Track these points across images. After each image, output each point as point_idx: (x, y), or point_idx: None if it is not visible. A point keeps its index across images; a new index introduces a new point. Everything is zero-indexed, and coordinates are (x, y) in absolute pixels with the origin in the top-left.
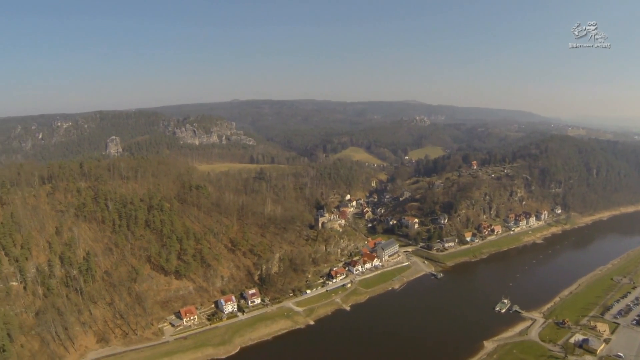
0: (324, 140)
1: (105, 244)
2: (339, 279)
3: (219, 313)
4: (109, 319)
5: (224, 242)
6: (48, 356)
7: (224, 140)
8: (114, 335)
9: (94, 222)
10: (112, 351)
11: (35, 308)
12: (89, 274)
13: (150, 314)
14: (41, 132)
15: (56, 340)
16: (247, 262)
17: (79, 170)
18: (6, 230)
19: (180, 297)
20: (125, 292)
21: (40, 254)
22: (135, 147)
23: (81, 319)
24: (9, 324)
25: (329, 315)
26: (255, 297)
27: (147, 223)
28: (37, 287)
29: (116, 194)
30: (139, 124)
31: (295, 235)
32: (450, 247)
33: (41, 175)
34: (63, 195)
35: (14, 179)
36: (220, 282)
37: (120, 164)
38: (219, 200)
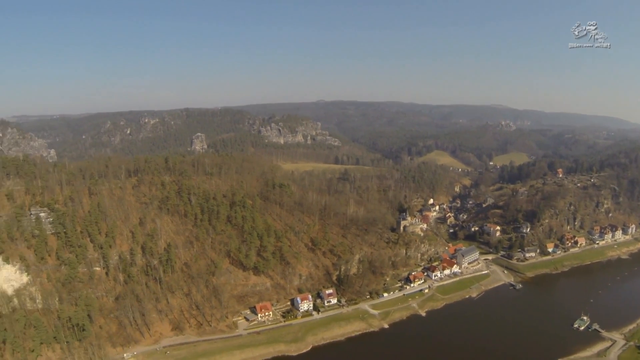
0: (408, 142)
1: (186, 236)
2: (417, 284)
3: (294, 311)
4: (185, 309)
5: (304, 241)
6: (124, 339)
7: (309, 140)
8: (189, 325)
9: (177, 215)
10: (186, 340)
11: (116, 293)
12: (169, 265)
13: (226, 307)
14: (129, 127)
15: (133, 324)
16: (326, 262)
17: (164, 164)
18: (93, 218)
19: (257, 292)
20: (203, 285)
21: (124, 242)
22: (220, 144)
23: (158, 307)
24: (90, 305)
25: (404, 319)
26: (332, 297)
27: (228, 219)
28: (119, 274)
29: (199, 189)
30: (224, 121)
31: (376, 238)
32: (531, 258)
33: (128, 169)
34: (148, 188)
35: (102, 171)
36: (298, 280)
37: (204, 160)
38: (301, 199)
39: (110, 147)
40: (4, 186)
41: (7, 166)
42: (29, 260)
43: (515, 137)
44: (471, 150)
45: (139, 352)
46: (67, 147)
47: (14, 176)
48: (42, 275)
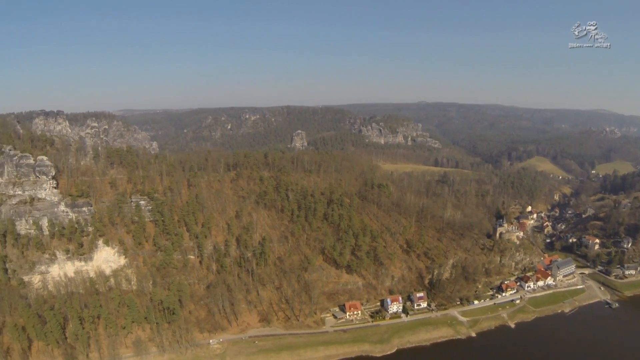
0: (509, 147)
1: (281, 231)
2: (509, 294)
3: (383, 312)
4: (275, 302)
5: (399, 242)
6: (212, 325)
7: (409, 141)
8: (276, 318)
9: (273, 210)
10: (272, 332)
11: (208, 281)
12: (262, 258)
13: (315, 304)
14: (230, 123)
15: (222, 312)
16: (419, 265)
17: (264, 160)
18: (190, 209)
19: (348, 291)
20: (295, 279)
21: (219, 234)
22: (320, 142)
23: (248, 298)
24: (182, 291)
25: (492, 329)
26: (422, 301)
27: (325, 216)
28: (212, 263)
29: (297, 185)
30: (325, 120)
31: (471, 243)
32: (630, 275)
33: (227, 163)
34: (246, 182)
35: (202, 164)
36: (390, 281)
37: (304, 157)
38: (399, 200)
39: (210, 141)
40: (107, 174)
41: (112, 156)
42: (127, 244)
43: (620, 144)
44: (573, 157)
45: (225, 340)
46: (169, 140)
47: (117, 165)
48: (139, 259)
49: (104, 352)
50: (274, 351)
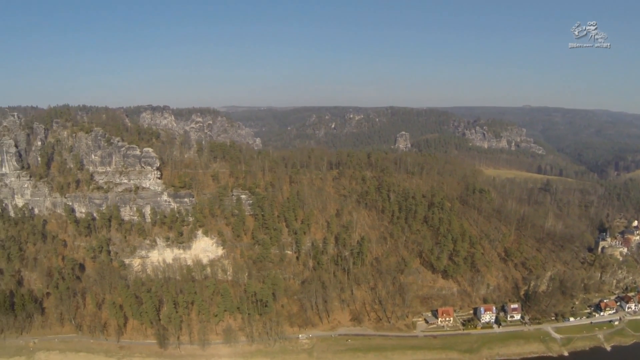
0: (616, 156)
1: (380, 232)
2: (607, 313)
3: (475, 320)
4: (368, 302)
5: (497, 250)
6: (303, 320)
7: (512, 146)
8: (368, 318)
9: (374, 210)
10: (362, 331)
11: (303, 277)
12: (360, 258)
13: (408, 307)
14: (334, 122)
15: (314, 309)
16: (516, 275)
17: (366, 160)
18: (291, 205)
19: (442, 296)
20: (390, 281)
21: (318, 231)
22: (423, 144)
23: (342, 296)
24: (276, 285)
25: (586, 350)
26: (516, 313)
27: (425, 219)
28: (309, 260)
29: (399, 186)
30: (429, 122)
31: (571, 256)
32: None
33: (330, 161)
34: (348, 181)
35: (305, 162)
36: (485, 289)
37: (407, 159)
38: (500, 206)
39: (314, 139)
40: (210, 168)
41: (215, 150)
42: (225, 236)
43: None
44: None
45: (314, 336)
46: (272, 137)
47: (220, 159)
48: (236, 251)
49: (194, 336)
50: (361, 351)
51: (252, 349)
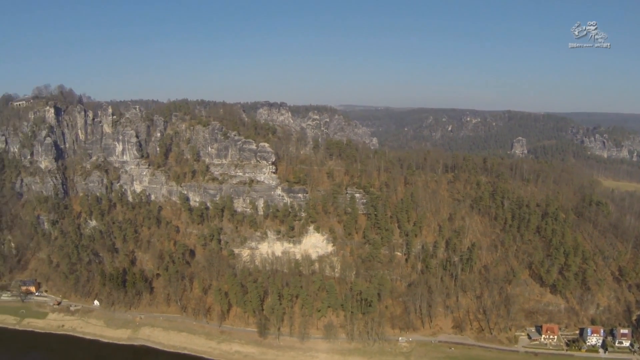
0: None
1: (491, 240)
2: None
3: (580, 342)
4: (472, 310)
5: (611, 268)
6: (404, 323)
7: (634, 157)
8: (470, 327)
9: (487, 217)
10: (463, 340)
11: (410, 280)
12: (468, 264)
13: (512, 320)
14: (450, 124)
15: (417, 312)
16: (629, 297)
17: (482, 165)
18: (404, 206)
19: (548, 312)
20: (496, 291)
21: (429, 234)
22: (540, 151)
23: (446, 302)
24: (382, 285)
25: None
26: (625, 339)
27: (537, 229)
28: (418, 263)
29: (514, 194)
30: (546, 127)
31: None
32: None
33: (445, 164)
34: (462, 185)
35: (420, 163)
36: (594, 310)
37: (522, 165)
38: (617, 221)
39: (430, 141)
40: (325, 165)
41: (331, 148)
42: (337, 233)
43: None
44: None
45: (414, 340)
46: (388, 137)
47: (336, 157)
48: (346, 248)
49: (295, 329)
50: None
51: (350, 347)
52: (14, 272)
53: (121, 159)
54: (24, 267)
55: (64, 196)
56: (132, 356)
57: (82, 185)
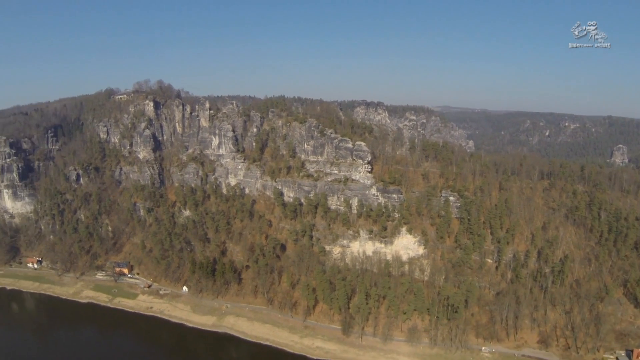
0: None
1: (585, 253)
2: None
3: None
4: (559, 326)
5: None
6: (489, 333)
7: None
8: (556, 344)
9: (582, 228)
10: (547, 356)
11: (498, 288)
12: (559, 277)
13: (602, 340)
14: (548, 129)
15: (503, 323)
16: None
17: (579, 173)
18: (497, 212)
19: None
20: (587, 308)
21: (521, 242)
22: None
23: (534, 315)
24: (470, 292)
25: None
26: None
27: (635, 245)
28: (507, 271)
29: (612, 205)
30: None
31: None
32: None
33: (541, 170)
34: (558, 193)
35: (515, 169)
36: None
37: (622, 175)
38: None
39: (527, 146)
40: (421, 166)
41: (427, 149)
42: (429, 236)
43: None
44: None
45: (497, 351)
46: (485, 140)
47: (431, 159)
48: (437, 252)
49: (379, 329)
50: None
51: (432, 352)
52: (109, 253)
53: (217, 152)
54: (118, 250)
55: (160, 185)
56: (215, 342)
57: (177, 176)
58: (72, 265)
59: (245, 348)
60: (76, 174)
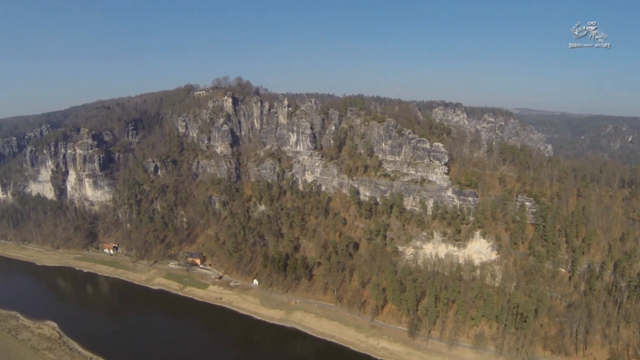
0: None
1: None
2: None
3: None
4: (632, 345)
5: None
6: (557, 346)
7: None
8: None
9: None
10: None
11: (571, 300)
12: (636, 292)
13: None
14: (631, 134)
15: (572, 336)
16: None
17: None
18: (574, 220)
19: None
20: None
21: (597, 253)
22: None
23: (605, 331)
24: (541, 302)
25: None
26: None
27: None
28: (581, 283)
29: None
30: None
31: None
32: None
33: (622, 178)
34: (639, 203)
35: (595, 176)
36: None
37: None
38: None
39: (608, 152)
40: (498, 170)
41: (505, 152)
42: (502, 242)
43: None
44: None
45: None
46: (564, 145)
47: (509, 163)
48: (510, 258)
49: (445, 334)
50: None
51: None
52: (183, 244)
53: (294, 149)
54: (192, 240)
55: (236, 180)
56: (281, 336)
57: (254, 171)
58: (147, 253)
59: (311, 344)
60: (154, 166)
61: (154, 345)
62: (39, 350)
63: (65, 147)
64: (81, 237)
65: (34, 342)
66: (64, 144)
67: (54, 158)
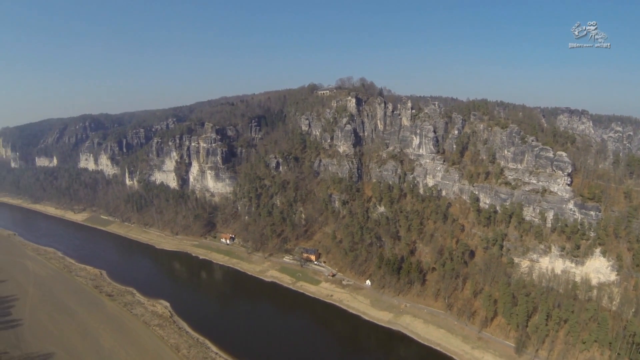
0: None
1: None
2: None
3: None
4: None
5: None
6: None
7: None
8: None
9: None
10: None
11: None
12: None
13: None
14: None
15: None
16: None
17: None
18: None
19: None
20: None
21: None
22: None
23: None
24: None
25: None
26: None
27: None
28: None
29: None
30: None
31: None
32: None
33: None
34: None
35: None
36: None
37: None
38: None
39: None
40: (624, 183)
41: (632, 165)
42: (624, 262)
43: None
44: None
45: None
46: None
47: (636, 176)
48: (631, 281)
49: (553, 355)
50: None
51: None
52: (299, 239)
53: (417, 152)
54: (309, 237)
55: (357, 180)
56: (387, 339)
57: (376, 172)
58: (262, 245)
59: (415, 349)
60: (276, 162)
61: (260, 333)
62: (150, 325)
63: (189, 140)
64: (200, 226)
65: (146, 317)
66: (188, 137)
67: (178, 150)
